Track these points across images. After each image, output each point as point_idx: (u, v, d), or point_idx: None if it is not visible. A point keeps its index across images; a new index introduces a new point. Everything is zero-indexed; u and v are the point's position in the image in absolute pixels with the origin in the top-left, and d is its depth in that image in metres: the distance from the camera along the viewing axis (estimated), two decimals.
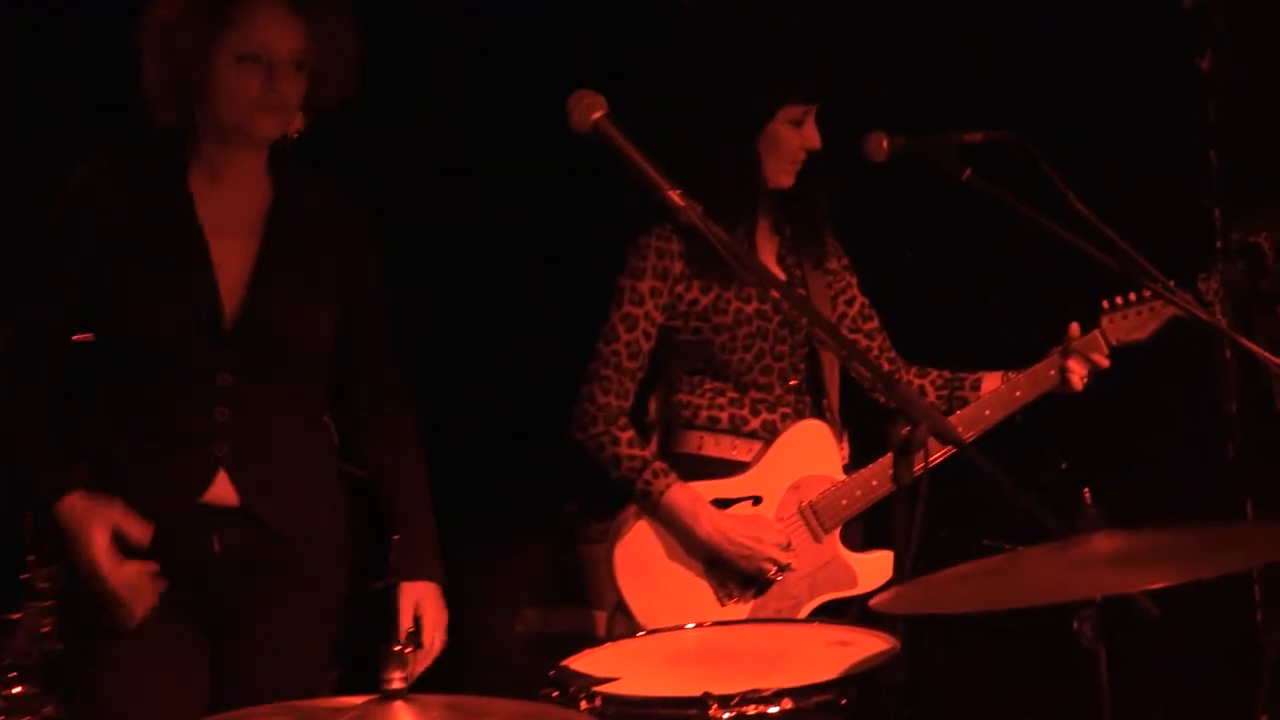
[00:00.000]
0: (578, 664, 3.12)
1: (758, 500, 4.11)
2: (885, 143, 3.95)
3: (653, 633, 3.53)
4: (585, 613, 4.90)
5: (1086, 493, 4.04)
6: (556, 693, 3.00)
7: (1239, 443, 4.89)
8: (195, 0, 3.35)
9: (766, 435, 4.13)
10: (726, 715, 2.82)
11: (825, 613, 4.09)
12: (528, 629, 5.11)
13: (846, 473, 4.16)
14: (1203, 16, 4.81)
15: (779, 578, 4.08)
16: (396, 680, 2.49)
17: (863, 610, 4.01)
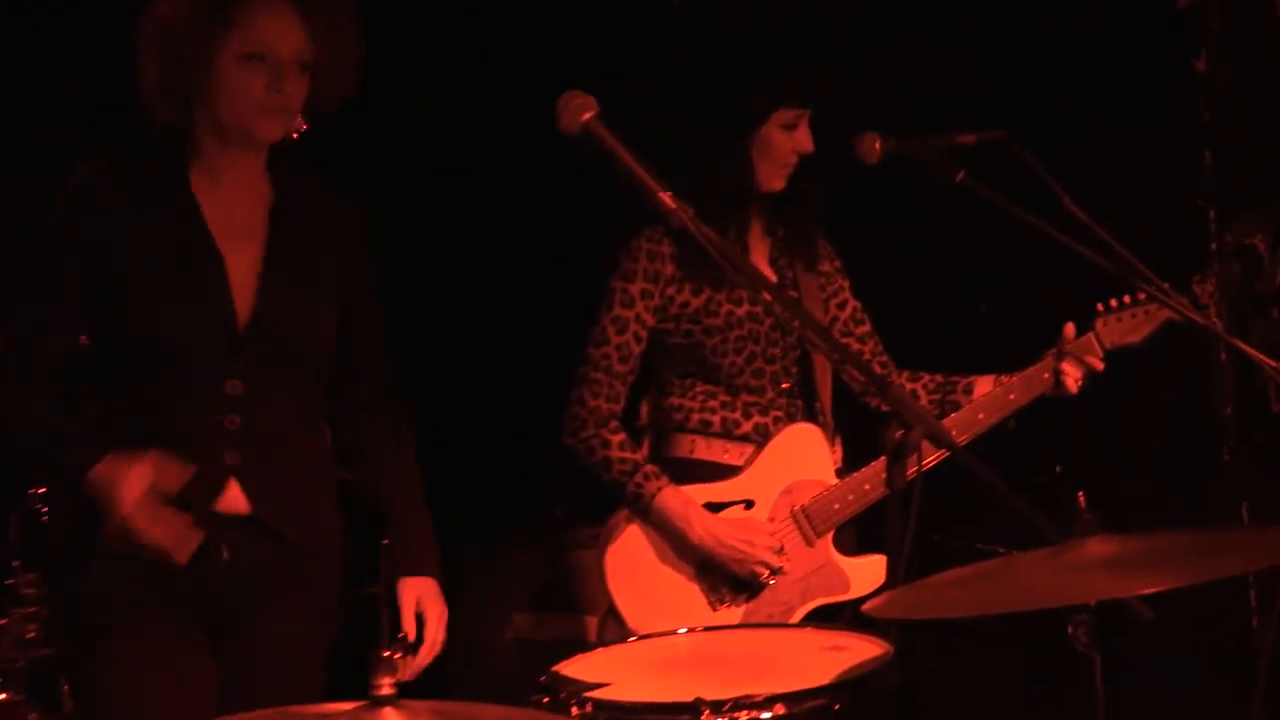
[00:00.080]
0: (569, 669, 3.11)
1: (750, 504, 4.10)
2: (878, 144, 3.94)
3: (644, 638, 3.51)
4: (576, 618, 4.90)
5: (1081, 496, 4.03)
6: (547, 698, 2.99)
7: (1234, 446, 4.89)
8: None
9: (758, 439, 4.12)
10: None
11: (818, 617, 4.08)
12: (518, 634, 5.10)
13: (839, 476, 4.15)
14: (1197, 17, 4.80)
15: (771, 581, 4.06)
16: (386, 686, 2.48)
17: (856, 615, 4.00)
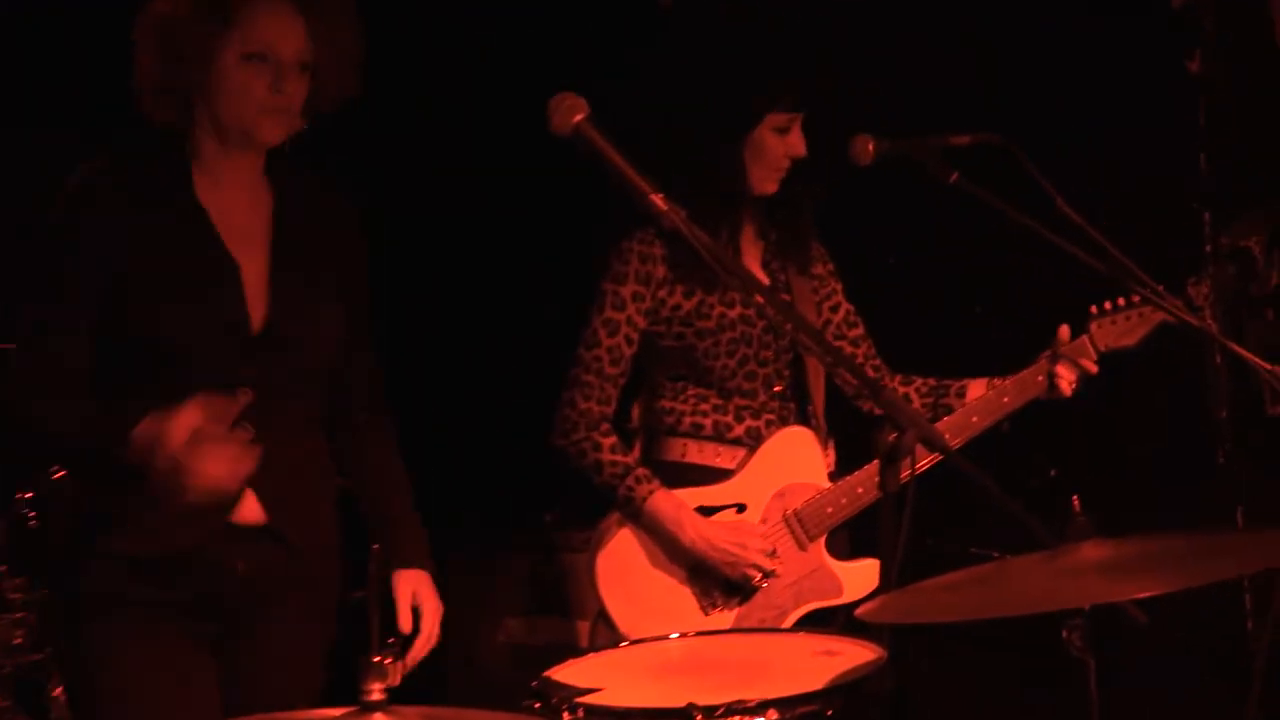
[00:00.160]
0: (560, 675, 3.10)
1: (742, 508, 4.09)
2: (871, 146, 3.93)
3: (636, 643, 3.50)
4: (568, 623, 4.89)
5: (1075, 500, 4.01)
6: (539, 704, 2.98)
7: (1229, 449, 4.88)
8: None
9: (751, 442, 4.11)
10: None
11: (811, 622, 4.07)
12: (509, 639, 5.09)
13: (832, 480, 4.14)
14: (1191, 18, 4.80)
15: (764, 585, 4.05)
16: (376, 691, 2.47)
17: (849, 619, 3.98)
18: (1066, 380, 4.12)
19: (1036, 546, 2.61)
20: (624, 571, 4.04)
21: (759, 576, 4.04)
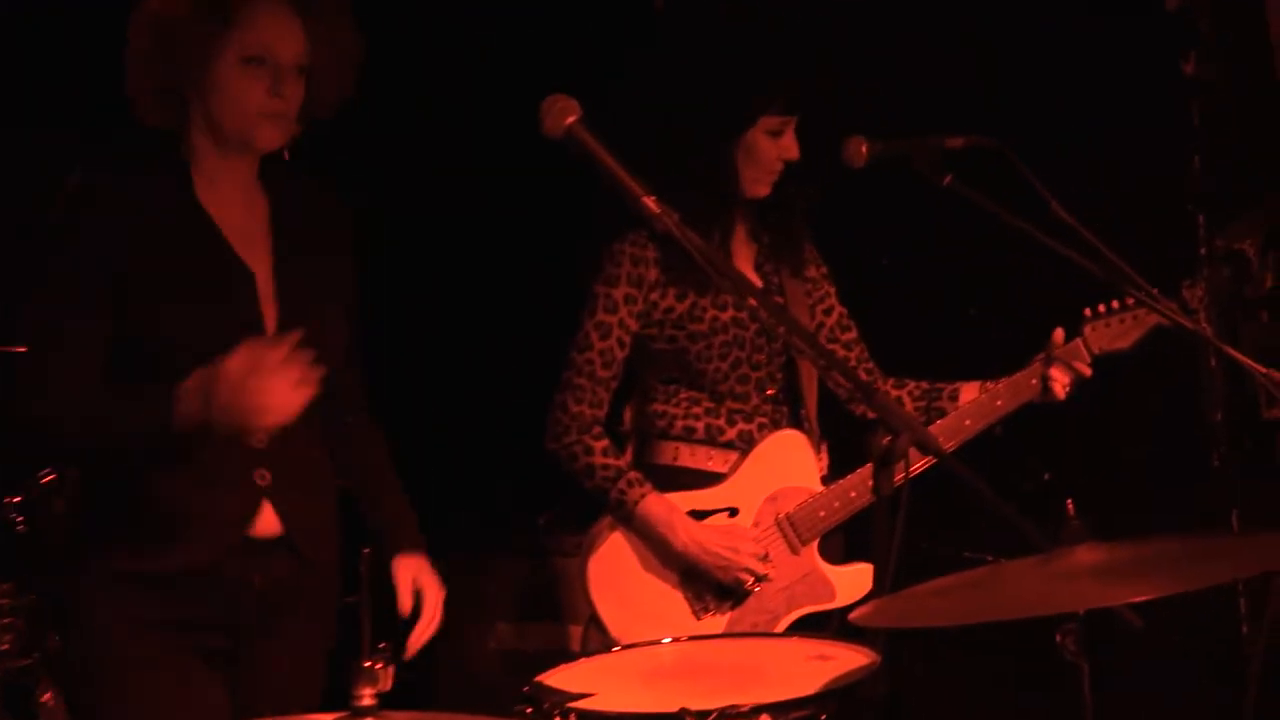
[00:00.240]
0: (552, 680, 3.08)
1: (734, 512, 4.07)
2: (865, 148, 3.92)
3: (629, 647, 3.48)
4: (559, 627, 4.88)
5: (1069, 504, 4.00)
6: (530, 709, 2.96)
7: (1224, 452, 4.88)
8: None
9: (743, 446, 4.10)
10: None
11: (804, 626, 4.05)
12: (501, 644, 5.07)
13: (825, 484, 4.13)
14: (1186, 19, 4.79)
15: (756, 589, 4.04)
16: (367, 696, 2.47)
17: (842, 624, 3.97)
18: (1060, 383, 4.12)
19: (1030, 550, 2.60)
20: (616, 576, 4.03)
21: (751, 581, 4.03)
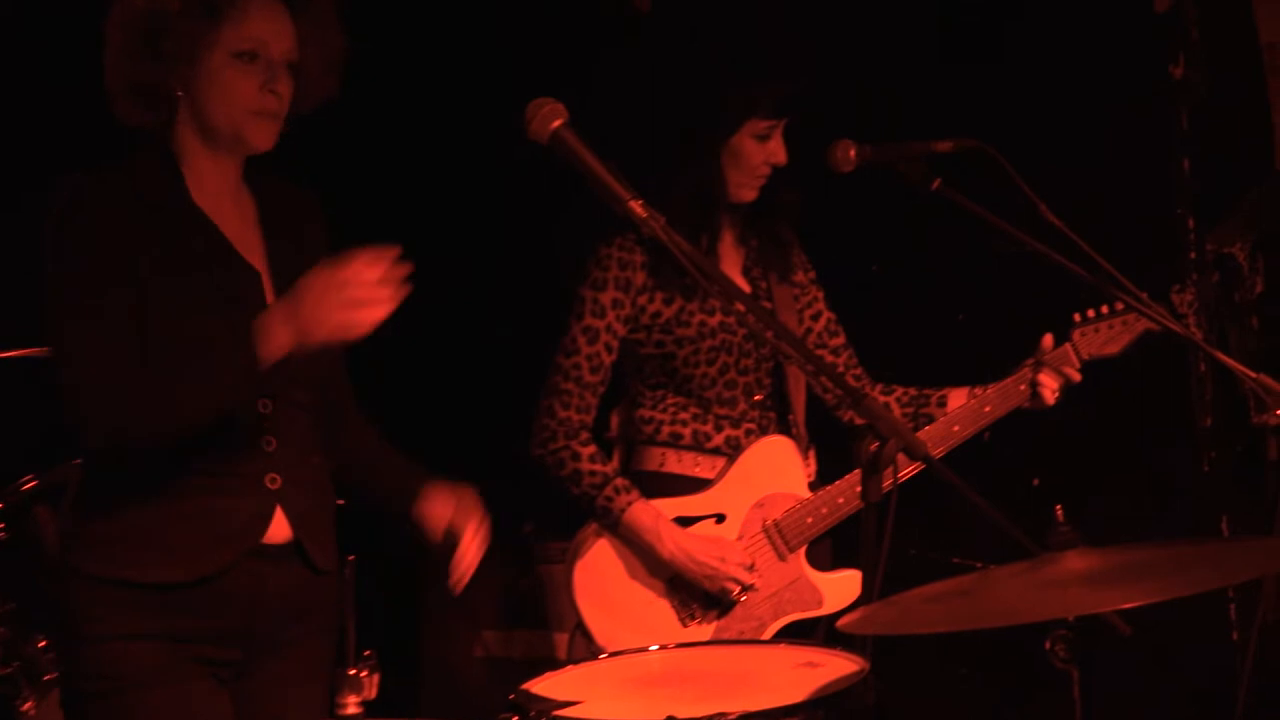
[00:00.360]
0: (538, 687, 3.07)
1: (721, 518, 4.06)
2: (853, 152, 3.92)
3: (615, 655, 3.46)
4: (545, 635, 4.86)
5: (1058, 509, 3.98)
6: (516, 717, 2.95)
7: (1214, 457, 4.87)
8: None
9: (730, 451, 4.08)
10: None
11: (791, 633, 4.04)
12: (487, 652, 5.05)
13: (812, 489, 4.12)
14: (1175, 23, 4.79)
15: (742, 599, 4.02)
16: (352, 705, 2.45)
17: (830, 631, 3.96)
18: (1049, 389, 4.11)
19: (1019, 556, 2.59)
20: (601, 583, 4.02)
21: (737, 590, 4.01)
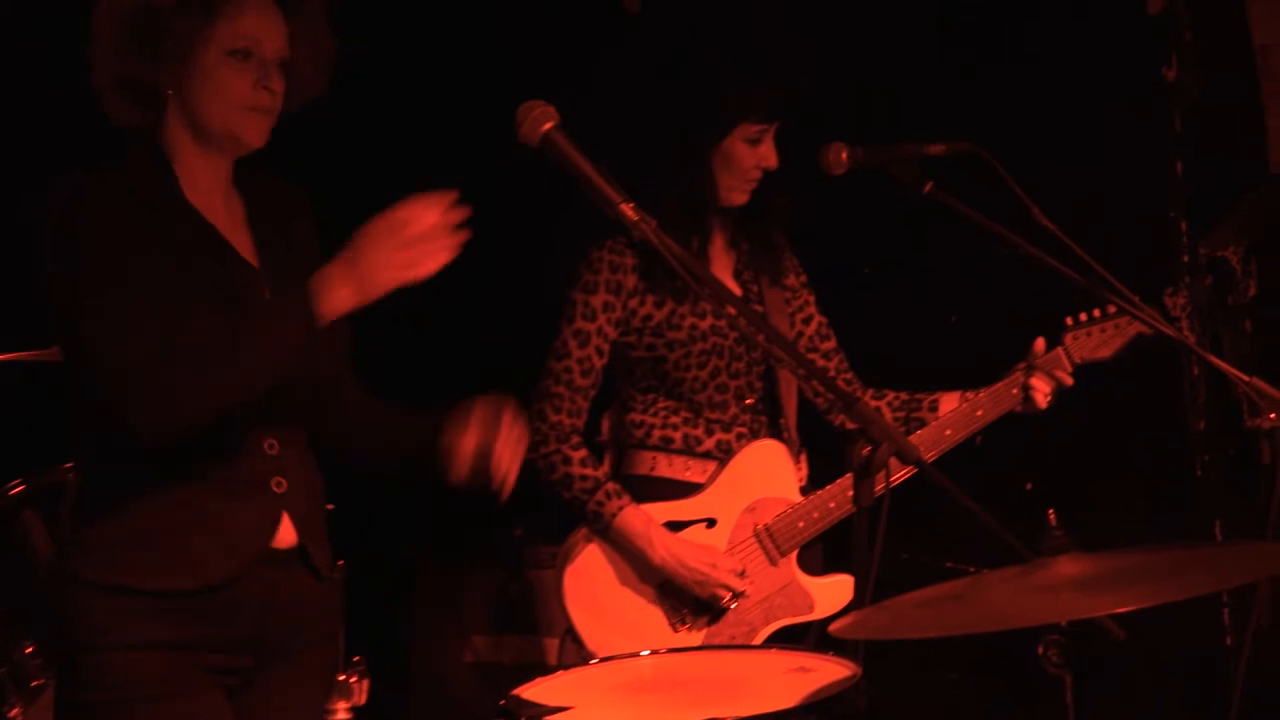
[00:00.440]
0: (529, 693, 3.04)
1: (712, 523, 4.05)
2: (845, 155, 3.91)
3: (606, 660, 3.45)
4: (535, 640, 4.85)
5: (1051, 514, 3.97)
6: None
7: (1207, 461, 4.86)
8: None
9: (721, 455, 4.07)
10: None
11: (783, 638, 4.02)
12: (477, 657, 5.04)
13: (804, 494, 4.11)
14: (1168, 25, 4.79)
15: (733, 605, 4.01)
16: (342, 710, 2.44)
17: (822, 636, 3.95)
18: (1041, 392, 4.09)
19: (1012, 561, 2.58)
20: (592, 588, 4.00)
21: (728, 597, 4.00)
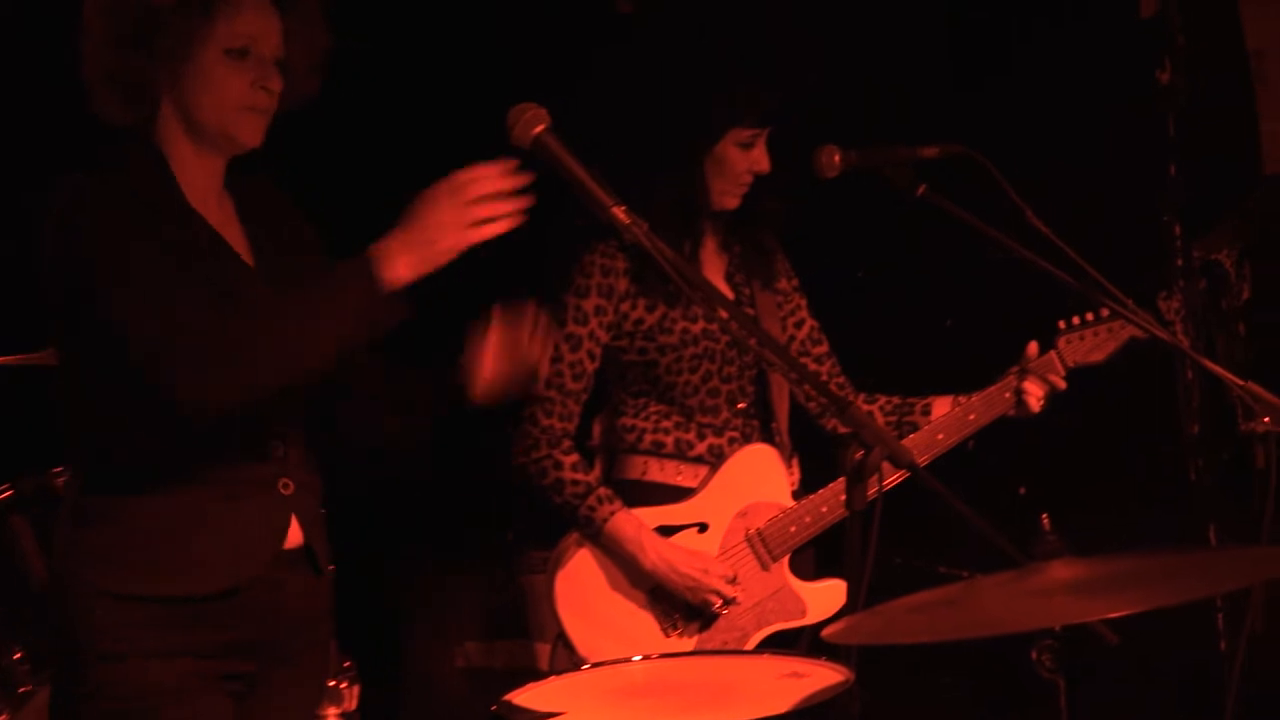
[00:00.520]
0: (521, 699, 3.04)
1: (703, 527, 4.04)
2: (837, 157, 3.90)
3: (598, 666, 3.44)
4: (526, 646, 4.83)
5: (1044, 518, 3.96)
6: None
7: (1201, 466, 4.86)
8: None
9: (713, 460, 4.06)
10: None
11: (776, 643, 4.01)
12: (468, 663, 5.03)
13: (796, 498, 4.10)
14: (1161, 28, 4.78)
15: (724, 611, 4.00)
16: (332, 716, 2.43)
17: (814, 641, 3.94)
18: (1034, 396, 4.08)
19: (1005, 565, 2.57)
20: (583, 593, 3.98)
21: (720, 603, 3.99)
